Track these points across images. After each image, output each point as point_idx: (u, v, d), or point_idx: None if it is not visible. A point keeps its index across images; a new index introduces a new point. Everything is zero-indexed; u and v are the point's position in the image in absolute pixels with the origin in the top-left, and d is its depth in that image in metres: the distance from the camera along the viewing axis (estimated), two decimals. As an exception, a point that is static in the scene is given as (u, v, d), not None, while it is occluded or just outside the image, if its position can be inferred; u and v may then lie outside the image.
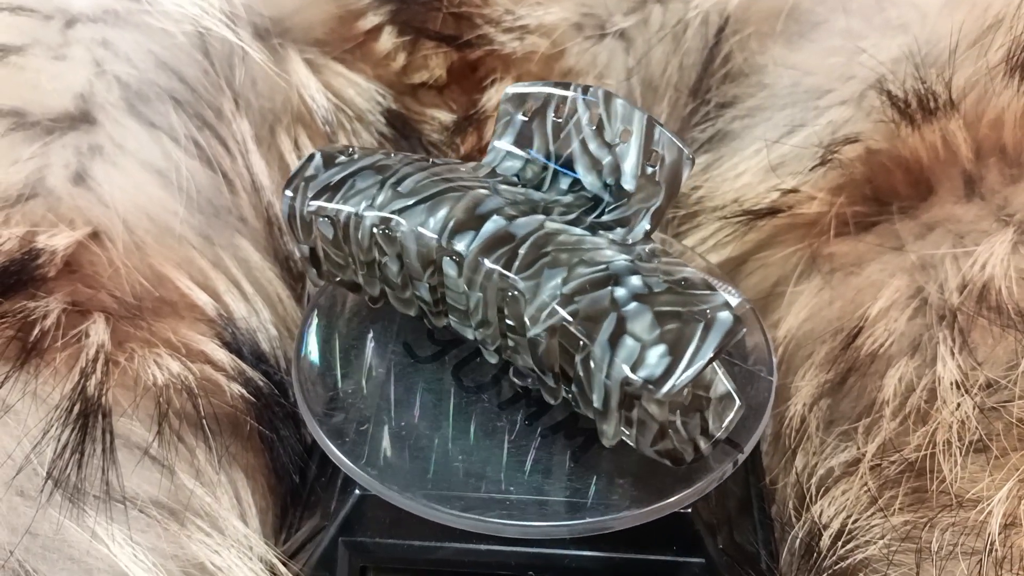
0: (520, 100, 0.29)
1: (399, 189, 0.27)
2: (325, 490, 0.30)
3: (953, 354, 0.29)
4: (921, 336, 0.30)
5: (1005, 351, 0.28)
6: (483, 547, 0.27)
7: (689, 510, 0.27)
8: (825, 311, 0.33)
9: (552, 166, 0.28)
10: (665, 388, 0.23)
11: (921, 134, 0.33)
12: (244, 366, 0.32)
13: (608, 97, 0.27)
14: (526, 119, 0.29)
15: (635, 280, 0.24)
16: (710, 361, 0.23)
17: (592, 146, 0.28)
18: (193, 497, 0.28)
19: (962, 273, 0.30)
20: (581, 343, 0.24)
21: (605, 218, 0.27)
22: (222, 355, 0.32)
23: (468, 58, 0.40)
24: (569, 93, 0.28)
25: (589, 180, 0.28)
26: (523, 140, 0.29)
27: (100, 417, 0.28)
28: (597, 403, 0.24)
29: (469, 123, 0.40)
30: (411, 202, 0.27)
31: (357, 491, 0.27)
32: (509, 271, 0.25)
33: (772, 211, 0.35)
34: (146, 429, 0.29)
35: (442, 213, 0.26)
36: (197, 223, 0.34)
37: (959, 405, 0.28)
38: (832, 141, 0.35)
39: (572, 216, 0.27)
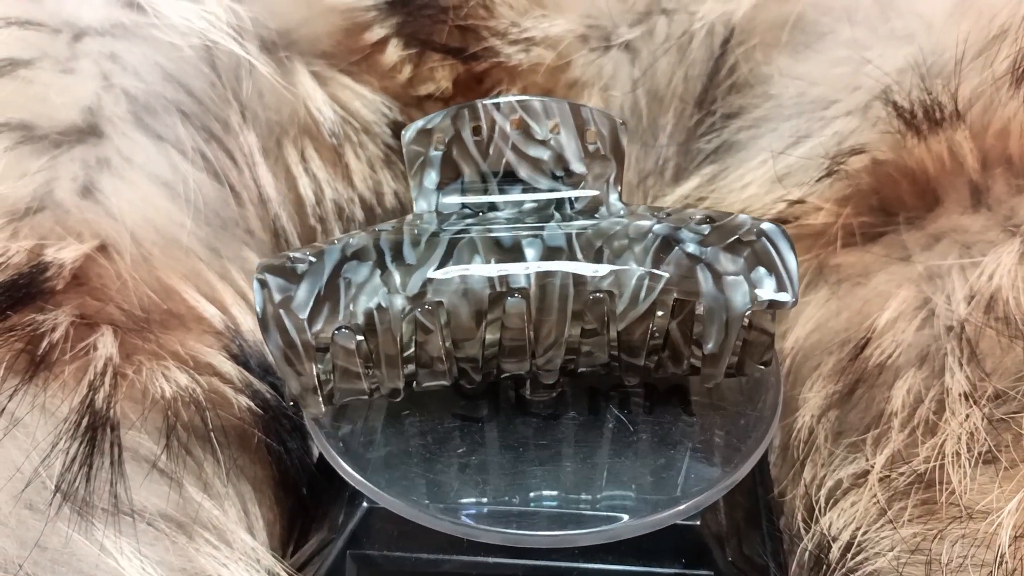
0: (424, 136, 0.27)
1: (407, 263, 0.26)
2: (333, 502, 0.30)
3: (961, 365, 0.29)
4: (929, 347, 0.30)
5: (1013, 362, 0.28)
6: (490, 559, 0.27)
7: (698, 522, 0.27)
8: (832, 322, 0.33)
9: (494, 183, 0.28)
10: (794, 296, 0.26)
11: (927, 145, 0.33)
12: (251, 378, 0.32)
13: (527, 106, 0.27)
14: (441, 151, 0.28)
15: (684, 232, 0.26)
16: (797, 261, 0.26)
17: (527, 149, 0.27)
18: (201, 510, 0.28)
19: (969, 284, 0.30)
20: (676, 307, 0.26)
21: (578, 205, 0.28)
22: (229, 367, 0.32)
23: (474, 70, 0.40)
24: (481, 110, 0.27)
25: (540, 180, 0.28)
26: (449, 172, 0.28)
27: (108, 430, 0.28)
28: (713, 348, 0.26)
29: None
30: (434, 267, 0.26)
31: (365, 503, 0.27)
32: (584, 280, 0.26)
33: (778, 222, 0.35)
34: (154, 442, 0.29)
35: (476, 262, 0.26)
36: (204, 235, 0.34)
37: (968, 416, 0.28)
38: (838, 152, 0.35)
39: (556, 217, 0.27)
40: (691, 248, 0.26)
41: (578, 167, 0.28)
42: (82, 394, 0.28)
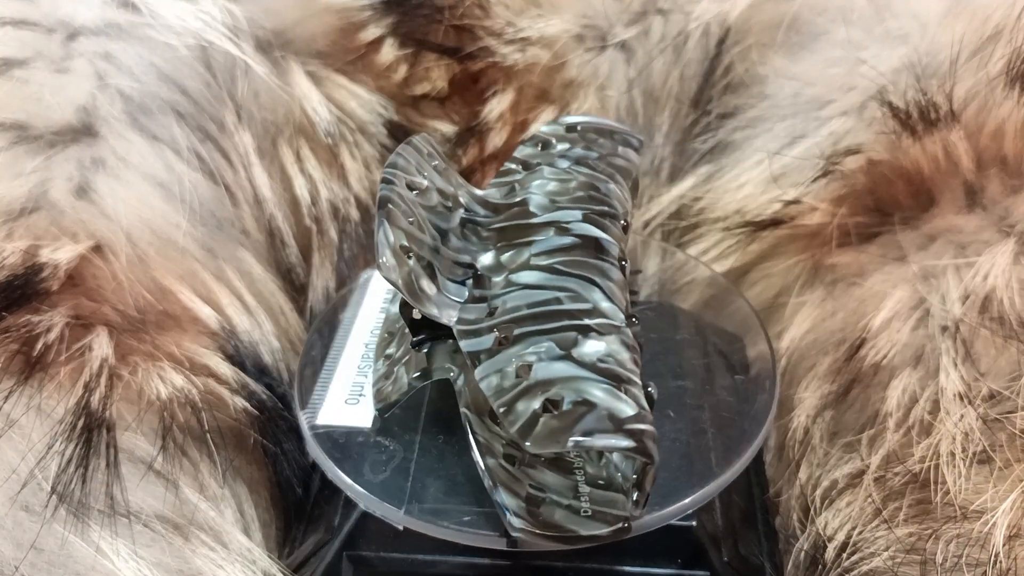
0: (398, 257, 0.25)
1: (591, 308, 0.25)
2: (329, 504, 0.30)
3: (956, 365, 0.29)
4: (924, 347, 0.30)
5: (1008, 362, 0.28)
6: (486, 560, 0.27)
7: (694, 522, 0.27)
8: (828, 322, 0.33)
9: (444, 248, 0.27)
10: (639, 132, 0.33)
11: (922, 145, 0.33)
12: (247, 379, 0.32)
13: (393, 165, 0.27)
14: (414, 257, 0.26)
15: (573, 152, 0.30)
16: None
17: (426, 202, 0.27)
18: (197, 511, 0.28)
19: (964, 284, 0.30)
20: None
21: (482, 212, 0.29)
22: (225, 368, 0.32)
23: (470, 70, 0.40)
24: (395, 197, 0.26)
25: (449, 218, 0.28)
26: (428, 269, 0.26)
27: (104, 431, 0.28)
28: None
29: (471, 134, 0.40)
30: (602, 295, 0.26)
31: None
32: (618, 216, 0.28)
33: (774, 222, 0.35)
34: (150, 443, 0.29)
35: (602, 266, 0.26)
36: (200, 236, 0.34)
37: (962, 416, 0.28)
38: (833, 152, 0.35)
39: (495, 220, 0.28)
40: (592, 155, 0.30)
41: (447, 187, 0.28)
42: (78, 395, 0.28)
